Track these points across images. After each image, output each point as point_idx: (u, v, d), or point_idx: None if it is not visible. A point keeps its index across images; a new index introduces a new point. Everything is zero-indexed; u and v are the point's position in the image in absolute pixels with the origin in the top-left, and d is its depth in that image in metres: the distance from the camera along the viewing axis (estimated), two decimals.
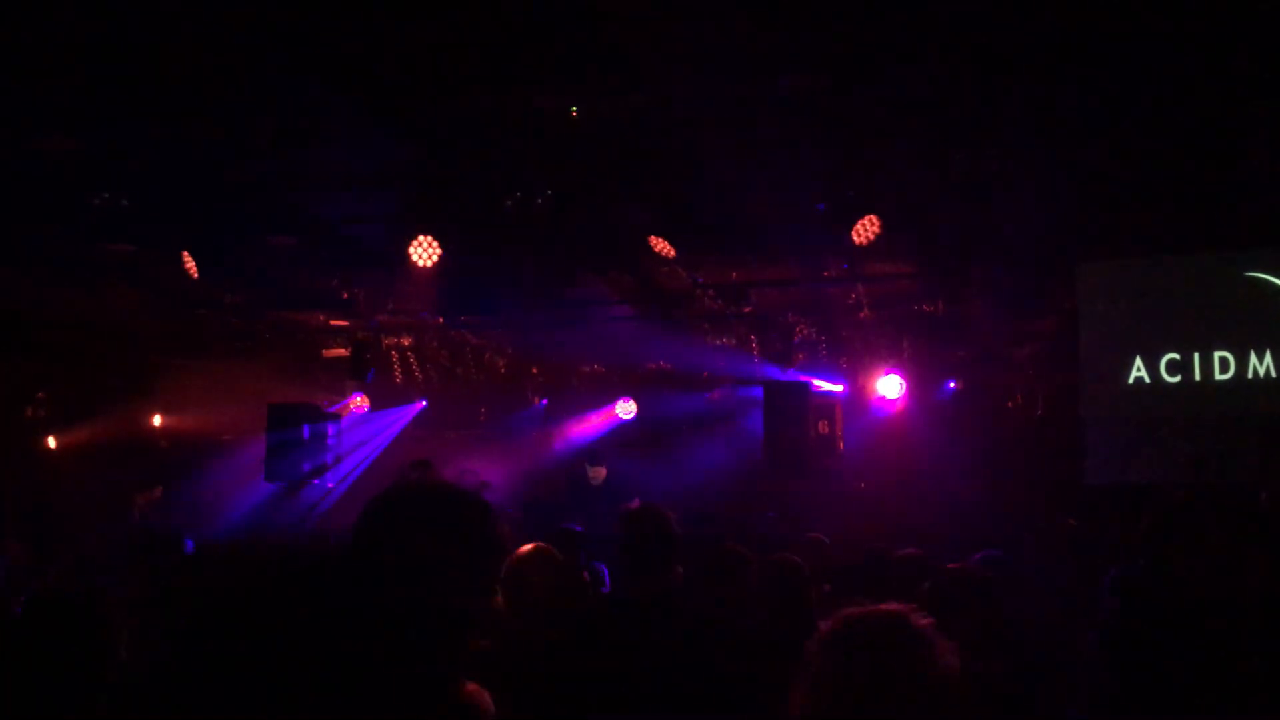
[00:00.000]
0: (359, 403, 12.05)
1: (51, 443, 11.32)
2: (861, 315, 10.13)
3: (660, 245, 8.30)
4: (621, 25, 5.47)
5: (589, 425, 11.96)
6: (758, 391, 10.47)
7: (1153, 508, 4.02)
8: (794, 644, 2.31)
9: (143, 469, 11.09)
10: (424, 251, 8.15)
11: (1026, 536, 8.57)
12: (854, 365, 10.83)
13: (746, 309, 10.28)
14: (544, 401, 12.11)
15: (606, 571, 5.88)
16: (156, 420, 11.74)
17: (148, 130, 6.66)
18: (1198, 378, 7.94)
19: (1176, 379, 8.02)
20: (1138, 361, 8.13)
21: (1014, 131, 7.19)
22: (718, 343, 11.11)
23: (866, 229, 8.02)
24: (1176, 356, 8.03)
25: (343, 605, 1.81)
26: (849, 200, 8.23)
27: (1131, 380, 8.11)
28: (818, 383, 10.44)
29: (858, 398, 10.86)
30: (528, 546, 4.30)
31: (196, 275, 7.99)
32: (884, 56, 6.32)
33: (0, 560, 6.49)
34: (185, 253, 7.94)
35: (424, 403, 12.05)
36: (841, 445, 10.33)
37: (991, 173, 7.69)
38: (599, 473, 10.79)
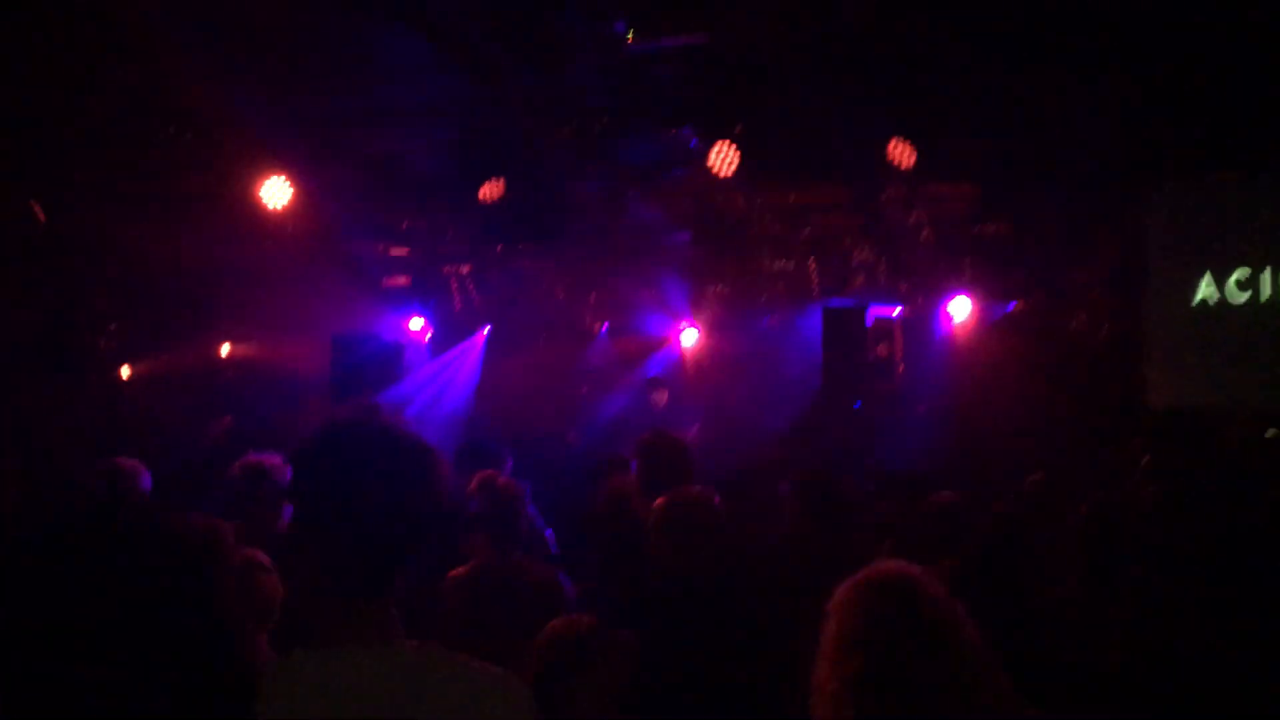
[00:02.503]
0: (418, 327, 12.27)
1: (124, 372, 11.72)
2: (922, 237, 10.11)
3: (719, 156, 8.26)
4: None
5: (649, 350, 12.12)
6: (817, 315, 10.55)
7: None
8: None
9: (211, 398, 11.46)
10: (491, 189, 8.34)
11: (1087, 459, 8.66)
12: (914, 288, 10.82)
13: (805, 231, 10.33)
14: (604, 328, 12.27)
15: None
16: (224, 350, 12.09)
17: (220, 62, 6.85)
18: (1265, 296, 7.90)
19: (1244, 297, 7.98)
20: (1206, 279, 8.10)
21: (1078, 46, 7.13)
22: (776, 266, 11.16)
23: (901, 153, 8.04)
24: (1247, 272, 7.98)
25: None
26: (908, 121, 8.23)
27: (1196, 302, 8.09)
28: (876, 306, 10.49)
29: (917, 320, 10.87)
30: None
31: (288, 201, 8.25)
32: None
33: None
34: (279, 176, 8.19)
35: (489, 327, 12.28)
36: (901, 368, 10.39)
37: (1055, 90, 7.64)
38: (660, 397, 10.97)
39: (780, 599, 3.59)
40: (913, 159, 8.10)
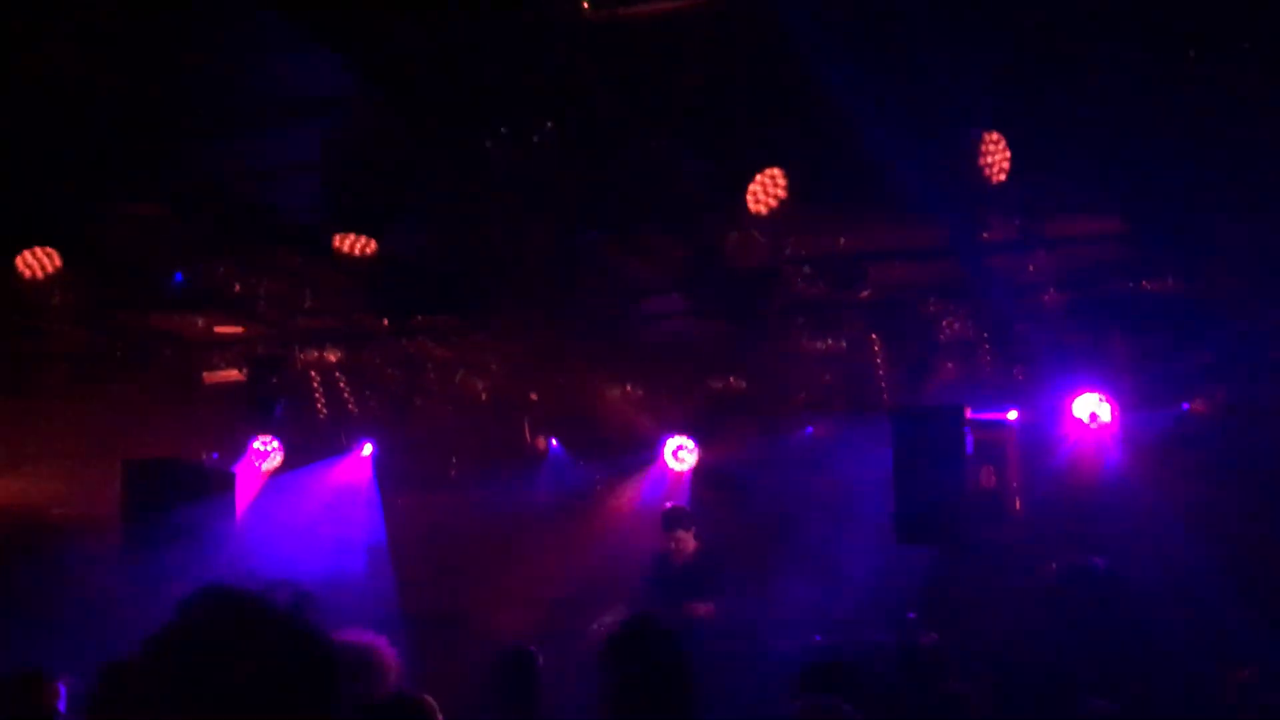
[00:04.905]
0: (263, 448, 12.27)
1: None
2: (1045, 299, 10.14)
3: (760, 188, 8.21)
4: None
5: (626, 474, 12.23)
6: (883, 423, 10.53)
7: None
8: None
9: None
10: (354, 244, 8.63)
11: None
12: (1034, 379, 10.87)
13: (864, 294, 10.32)
14: (553, 443, 12.29)
15: None
16: None
17: None
18: None
19: None
20: None
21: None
22: (818, 347, 11.17)
23: (996, 160, 7.97)
24: None
25: None
26: (1014, 124, 8.22)
27: None
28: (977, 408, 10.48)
29: (1041, 429, 10.88)
30: None
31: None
32: None
33: None
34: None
35: (368, 445, 12.37)
36: (1018, 504, 10.35)
37: (1237, 78, 7.67)
38: (686, 542, 10.84)
39: None
40: (1005, 165, 8.02)
